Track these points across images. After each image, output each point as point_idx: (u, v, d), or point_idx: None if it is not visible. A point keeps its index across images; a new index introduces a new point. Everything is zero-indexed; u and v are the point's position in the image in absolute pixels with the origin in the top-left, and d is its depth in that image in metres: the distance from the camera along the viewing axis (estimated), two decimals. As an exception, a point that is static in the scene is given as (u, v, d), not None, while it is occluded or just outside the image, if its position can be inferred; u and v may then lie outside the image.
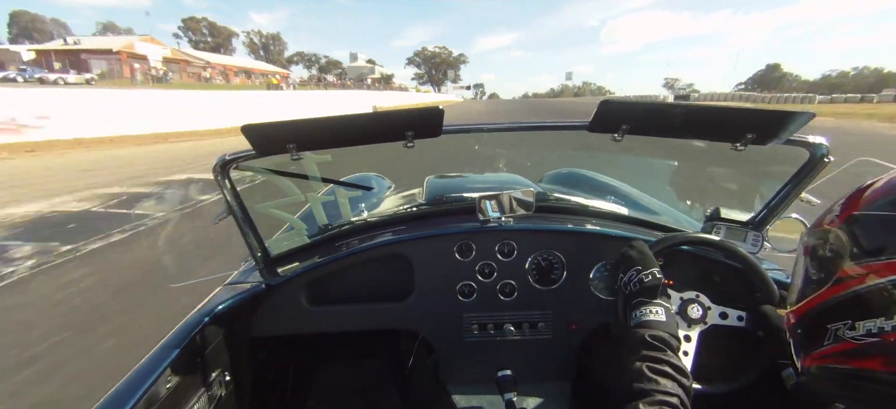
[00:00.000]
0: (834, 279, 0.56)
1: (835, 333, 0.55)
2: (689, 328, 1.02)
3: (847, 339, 0.54)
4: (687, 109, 1.00)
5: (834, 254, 0.57)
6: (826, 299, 0.57)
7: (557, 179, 2.35)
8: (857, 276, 0.53)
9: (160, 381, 0.85)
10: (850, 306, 0.54)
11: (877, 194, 0.57)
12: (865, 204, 0.57)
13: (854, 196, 0.60)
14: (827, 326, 0.57)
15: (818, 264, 0.60)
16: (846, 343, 0.54)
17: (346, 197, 1.57)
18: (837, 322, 0.55)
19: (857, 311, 0.53)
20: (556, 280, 1.30)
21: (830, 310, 0.57)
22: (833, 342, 0.56)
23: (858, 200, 0.58)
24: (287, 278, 1.27)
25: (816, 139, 1.03)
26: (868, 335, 0.51)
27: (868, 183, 0.60)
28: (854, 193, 0.61)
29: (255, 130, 0.94)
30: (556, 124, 1.31)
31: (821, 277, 0.59)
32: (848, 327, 0.53)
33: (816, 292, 0.59)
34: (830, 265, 0.57)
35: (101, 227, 4.88)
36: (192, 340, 0.98)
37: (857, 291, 0.53)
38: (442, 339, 1.34)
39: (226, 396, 1.11)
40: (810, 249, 0.63)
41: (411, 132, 1.05)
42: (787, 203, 1.17)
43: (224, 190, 1.15)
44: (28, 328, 2.85)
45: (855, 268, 0.54)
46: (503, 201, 1.28)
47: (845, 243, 0.56)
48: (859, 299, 0.53)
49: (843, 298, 0.55)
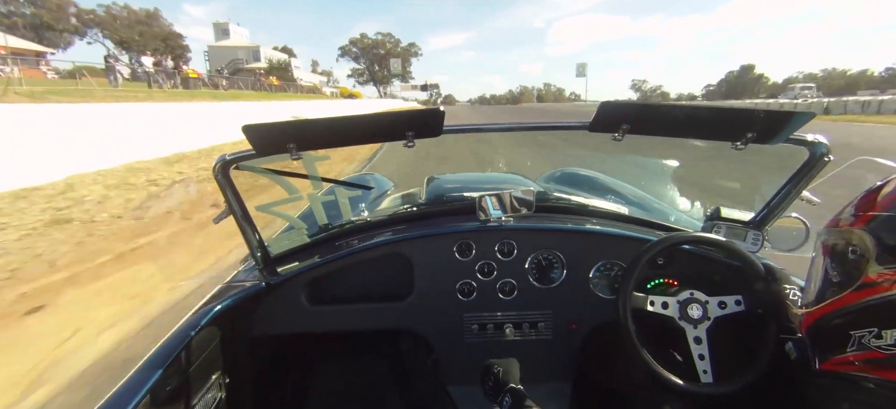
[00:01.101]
0: (858, 283, 0.53)
1: (859, 340, 0.53)
2: (695, 329, 1.02)
3: (872, 348, 0.51)
4: (687, 108, 1.00)
5: (858, 256, 0.54)
6: (848, 303, 0.54)
7: (558, 179, 2.35)
8: (884, 282, 0.50)
9: (160, 381, 0.85)
10: (876, 312, 0.51)
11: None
12: (888, 205, 0.54)
13: (869, 197, 0.58)
14: (850, 332, 0.54)
15: (840, 265, 0.57)
16: (872, 352, 0.51)
17: (345, 197, 1.57)
18: (862, 329, 0.52)
19: (884, 319, 0.50)
20: (555, 280, 1.30)
21: (854, 315, 0.54)
22: (857, 350, 0.53)
23: (875, 201, 0.56)
24: (287, 277, 1.26)
25: (817, 138, 1.03)
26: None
27: (880, 184, 0.57)
28: (867, 193, 0.58)
29: (255, 129, 0.94)
30: (557, 124, 1.31)
31: (842, 279, 0.56)
32: (874, 336, 0.51)
33: (837, 295, 0.56)
34: (853, 268, 0.54)
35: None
36: (192, 339, 0.98)
37: (885, 297, 0.50)
38: (442, 339, 1.34)
39: (225, 396, 1.11)
40: (830, 249, 0.60)
41: (412, 132, 1.05)
42: (788, 202, 1.17)
43: (224, 190, 1.14)
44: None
45: (883, 273, 0.51)
46: (503, 200, 1.28)
47: (870, 246, 0.53)
48: (888, 307, 0.50)
49: (868, 304, 0.52)
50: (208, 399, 1.04)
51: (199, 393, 1.00)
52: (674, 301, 1.05)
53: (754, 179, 1.44)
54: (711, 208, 1.34)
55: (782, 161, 1.15)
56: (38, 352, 2.43)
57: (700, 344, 1.01)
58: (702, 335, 1.02)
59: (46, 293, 3.17)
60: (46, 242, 4.31)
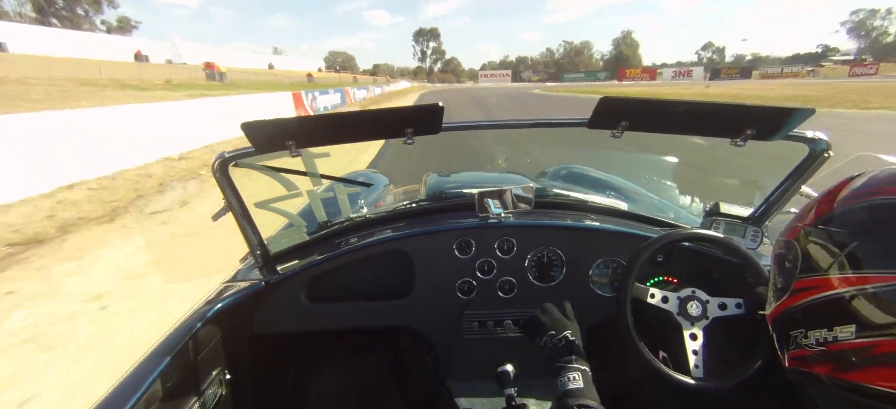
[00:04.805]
0: (790, 291, 0.60)
1: (795, 339, 0.59)
2: (692, 326, 1.02)
3: (803, 346, 0.58)
4: (687, 105, 1.00)
5: (791, 265, 0.60)
6: (784, 307, 0.61)
7: (557, 176, 2.35)
8: (803, 290, 0.57)
9: (160, 379, 0.85)
10: (802, 316, 0.58)
11: (826, 208, 0.59)
12: (819, 216, 0.59)
13: (818, 203, 0.62)
14: (789, 332, 0.60)
15: (780, 273, 0.64)
16: (802, 350, 0.58)
17: (345, 194, 1.56)
18: (795, 330, 0.59)
19: (807, 321, 0.57)
20: (555, 277, 1.30)
21: (790, 318, 0.60)
22: (795, 348, 0.60)
23: (818, 210, 0.60)
24: (286, 275, 1.26)
25: (816, 134, 1.03)
26: (817, 344, 0.55)
27: (833, 188, 0.61)
28: (818, 200, 0.62)
29: (254, 126, 0.94)
30: (556, 121, 1.30)
31: (781, 286, 0.62)
32: (802, 335, 0.58)
33: (780, 299, 0.62)
34: (788, 276, 0.61)
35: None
36: (192, 338, 0.98)
37: (803, 304, 0.57)
38: (442, 336, 1.34)
39: (225, 394, 1.11)
40: (776, 258, 0.66)
41: (411, 129, 1.05)
42: (787, 198, 1.17)
43: (223, 187, 1.14)
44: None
45: (802, 281, 0.57)
46: (504, 197, 1.28)
47: (798, 256, 0.59)
48: (807, 311, 0.57)
49: (796, 308, 0.58)
50: (209, 395, 1.04)
51: (199, 391, 1.00)
52: (674, 297, 1.05)
53: (751, 171, 1.44)
54: (710, 204, 1.34)
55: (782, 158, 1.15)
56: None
57: (695, 341, 1.01)
58: (698, 333, 1.02)
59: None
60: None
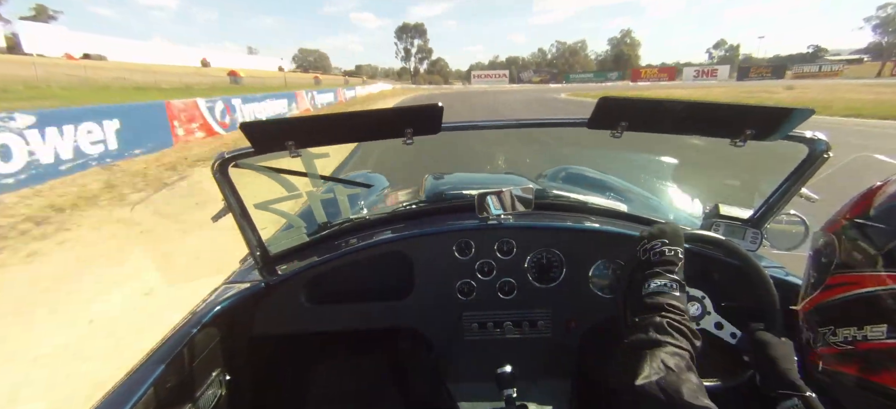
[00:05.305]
0: (823, 286, 0.59)
1: (823, 336, 0.59)
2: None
3: (831, 344, 0.57)
4: (686, 105, 1.00)
5: (827, 260, 0.60)
6: (816, 303, 0.60)
7: (556, 177, 2.35)
8: (837, 286, 0.56)
9: (159, 380, 0.85)
10: (832, 313, 0.57)
11: (866, 204, 0.58)
12: (859, 212, 0.58)
13: (860, 200, 0.60)
14: (818, 329, 0.60)
15: (815, 267, 0.63)
16: (831, 348, 0.57)
17: (345, 195, 1.56)
18: (824, 327, 0.58)
19: (839, 318, 0.56)
20: (555, 278, 1.30)
21: (820, 314, 0.60)
22: (823, 345, 0.59)
23: (859, 206, 0.59)
24: (286, 276, 1.26)
25: (816, 135, 1.03)
26: (845, 343, 0.54)
27: (876, 185, 0.60)
28: (860, 196, 0.61)
29: (253, 127, 0.94)
30: (555, 121, 1.30)
31: (815, 280, 0.62)
32: (831, 333, 0.57)
33: (812, 295, 0.62)
34: (822, 271, 0.60)
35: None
36: (192, 339, 0.98)
37: (836, 300, 0.56)
38: (442, 337, 1.33)
39: (225, 395, 1.10)
40: (813, 251, 0.65)
41: (411, 129, 1.05)
42: (787, 199, 1.17)
43: (223, 188, 1.14)
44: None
45: (836, 277, 0.57)
46: (503, 198, 1.27)
47: (835, 252, 0.58)
48: (840, 308, 0.56)
49: (829, 304, 0.58)
50: (209, 396, 1.04)
51: (198, 392, 1.00)
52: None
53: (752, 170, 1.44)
54: (710, 205, 1.33)
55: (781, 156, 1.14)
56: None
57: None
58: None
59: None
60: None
